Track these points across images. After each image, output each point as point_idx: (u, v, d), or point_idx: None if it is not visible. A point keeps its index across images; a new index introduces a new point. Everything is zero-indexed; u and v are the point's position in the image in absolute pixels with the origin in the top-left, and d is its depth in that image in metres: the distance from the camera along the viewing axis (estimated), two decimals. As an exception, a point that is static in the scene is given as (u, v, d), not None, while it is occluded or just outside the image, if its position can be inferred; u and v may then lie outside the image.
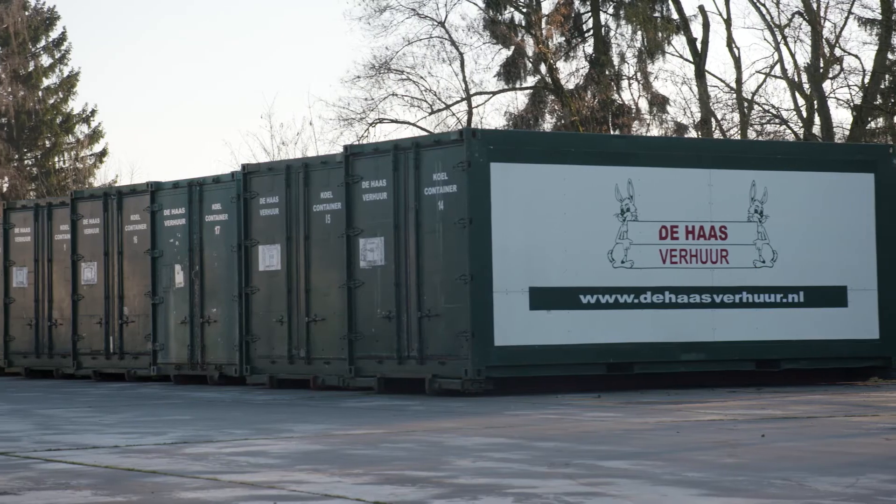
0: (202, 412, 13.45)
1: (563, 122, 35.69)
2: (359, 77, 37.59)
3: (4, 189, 50.95)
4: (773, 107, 35.77)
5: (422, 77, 37.91)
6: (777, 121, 35.35)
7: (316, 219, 16.60)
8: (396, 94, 37.90)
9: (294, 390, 16.60)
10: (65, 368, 20.81)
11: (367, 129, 37.73)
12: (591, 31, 36.61)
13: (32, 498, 7.09)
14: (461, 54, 37.54)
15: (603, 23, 36.45)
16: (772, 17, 34.75)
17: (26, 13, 52.00)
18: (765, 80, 35.93)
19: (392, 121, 38.16)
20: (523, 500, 6.77)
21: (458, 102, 38.10)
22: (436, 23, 37.55)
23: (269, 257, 17.20)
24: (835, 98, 34.71)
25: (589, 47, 36.71)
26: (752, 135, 34.64)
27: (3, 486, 7.60)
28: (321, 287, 16.57)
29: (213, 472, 8.04)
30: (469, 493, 7.03)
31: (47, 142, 52.86)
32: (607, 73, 35.71)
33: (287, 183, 16.92)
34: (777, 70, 35.36)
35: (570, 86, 36.20)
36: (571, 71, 36.90)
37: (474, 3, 36.80)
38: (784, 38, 34.73)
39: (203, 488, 7.37)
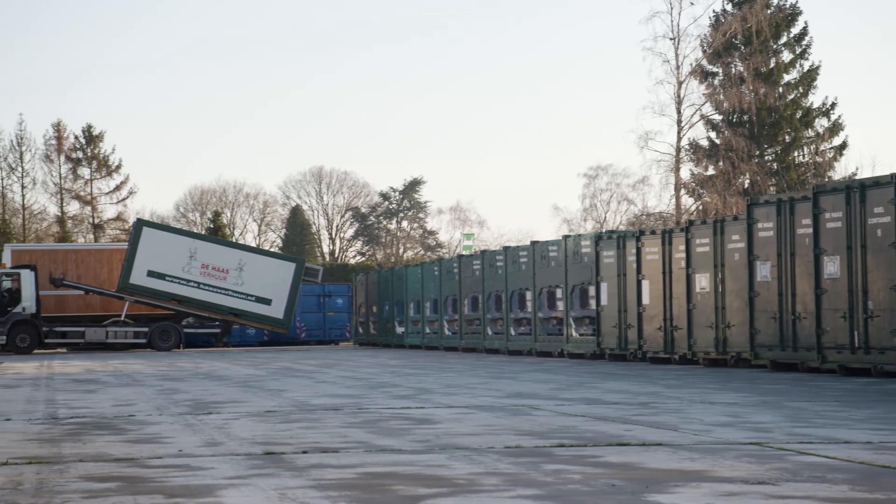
0: (955, 412, 12.89)
1: None
2: None
3: (746, 185, 52.28)
4: None
5: None
6: None
7: None
8: None
9: None
10: (809, 362, 20.90)
11: None
12: None
13: (790, 489, 7.21)
14: None
15: None
16: None
17: (769, 11, 52.96)
18: None
19: None
20: None
21: None
22: None
23: None
24: None
25: None
26: None
27: (760, 475, 7.81)
28: None
29: (974, 477, 7.70)
30: None
31: (787, 137, 53.47)
32: None
33: None
34: None
35: None
36: None
37: None
38: None
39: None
